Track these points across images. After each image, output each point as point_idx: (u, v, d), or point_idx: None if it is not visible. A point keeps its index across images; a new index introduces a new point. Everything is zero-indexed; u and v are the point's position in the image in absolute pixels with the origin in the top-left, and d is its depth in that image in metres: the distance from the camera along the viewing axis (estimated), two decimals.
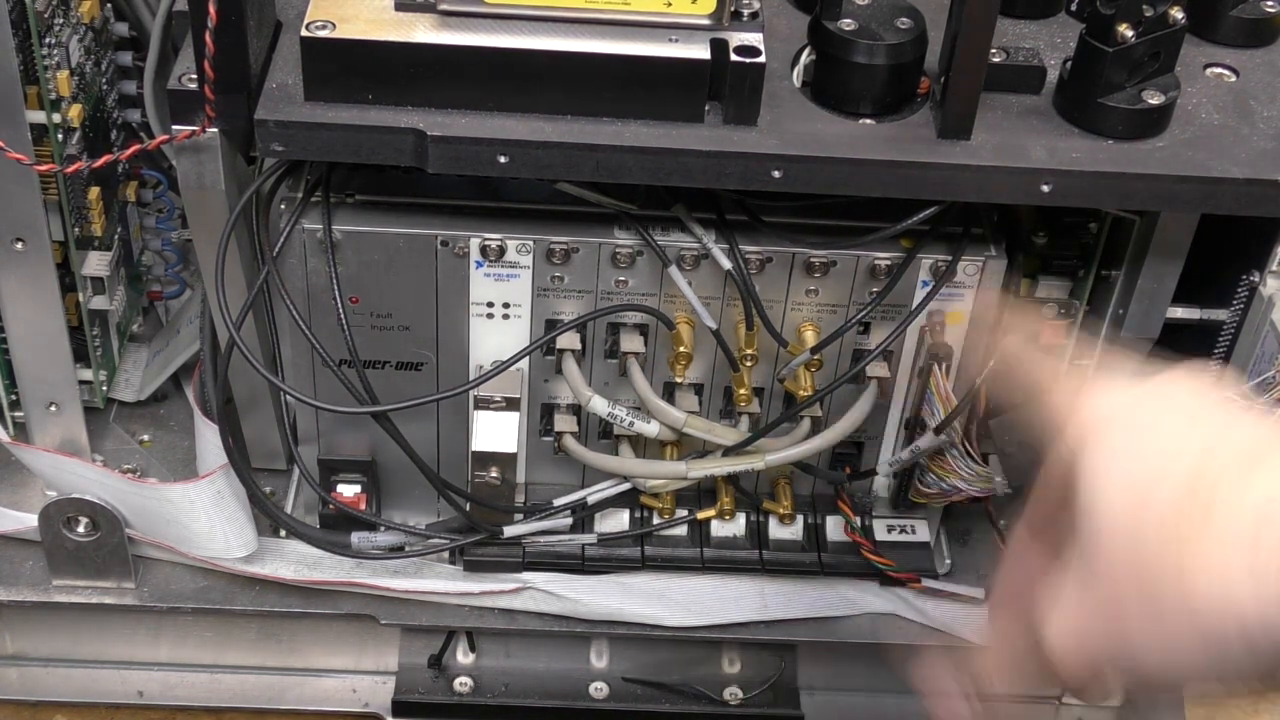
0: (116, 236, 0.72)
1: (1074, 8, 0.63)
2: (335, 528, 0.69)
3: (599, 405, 0.65)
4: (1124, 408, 0.42)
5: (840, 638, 0.72)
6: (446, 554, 0.70)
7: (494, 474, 0.65)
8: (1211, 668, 0.39)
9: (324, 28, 0.54)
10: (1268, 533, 0.37)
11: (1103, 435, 0.42)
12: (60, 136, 0.64)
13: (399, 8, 0.55)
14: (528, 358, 0.64)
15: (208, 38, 0.51)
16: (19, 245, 0.64)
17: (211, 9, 0.51)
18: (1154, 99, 0.56)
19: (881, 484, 0.71)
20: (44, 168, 0.60)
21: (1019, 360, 0.50)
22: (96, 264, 0.69)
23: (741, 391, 0.65)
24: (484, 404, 0.64)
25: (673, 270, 0.61)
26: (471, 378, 0.65)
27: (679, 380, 0.64)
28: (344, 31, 0.54)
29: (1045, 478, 0.45)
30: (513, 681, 0.74)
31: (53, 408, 0.70)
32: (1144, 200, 0.58)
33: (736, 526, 0.71)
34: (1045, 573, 0.44)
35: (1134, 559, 0.40)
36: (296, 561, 0.70)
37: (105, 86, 0.70)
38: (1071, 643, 0.42)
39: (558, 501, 0.69)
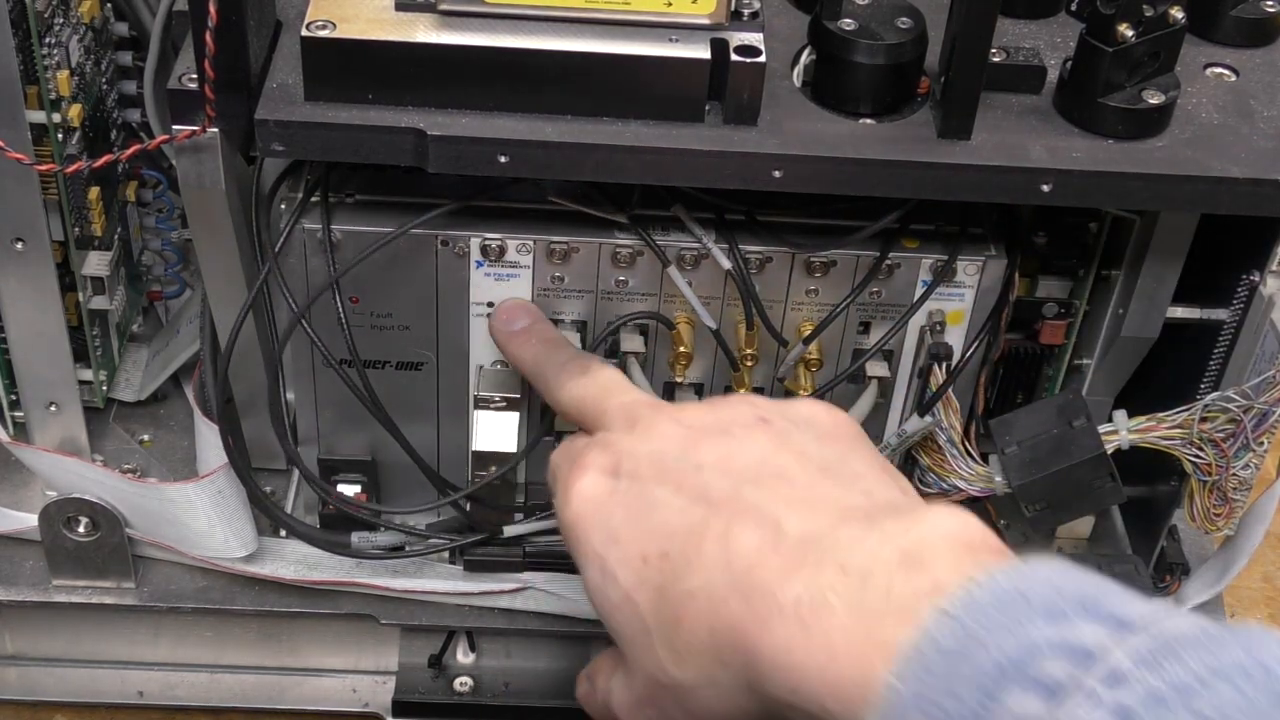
0: (116, 236, 0.72)
1: (1074, 8, 0.63)
2: (335, 528, 0.69)
3: None
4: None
5: None
6: (446, 554, 0.70)
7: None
8: None
9: (324, 27, 0.54)
10: None
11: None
12: (60, 136, 0.64)
13: (399, 8, 0.55)
14: None
15: (208, 37, 0.51)
16: (19, 245, 0.64)
17: (211, 9, 0.51)
18: (1154, 99, 0.56)
19: None
20: (44, 167, 0.60)
21: None
22: (96, 264, 0.69)
23: (742, 391, 0.65)
24: (484, 404, 0.64)
25: (672, 270, 0.61)
26: (472, 378, 0.65)
27: (679, 380, 0.64)
28: (344, 31, 0.54)
29: None
30: (513, 681, 0.74)
31: (53, 408, 0.70)
32: (1144, 200, 0.58)
33: None
34: None
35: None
36: (296, 561, 0.70)
37: (105, 86, 0.70)
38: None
39: None
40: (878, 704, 0.35)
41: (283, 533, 0.71)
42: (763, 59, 0.55)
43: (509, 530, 0.68)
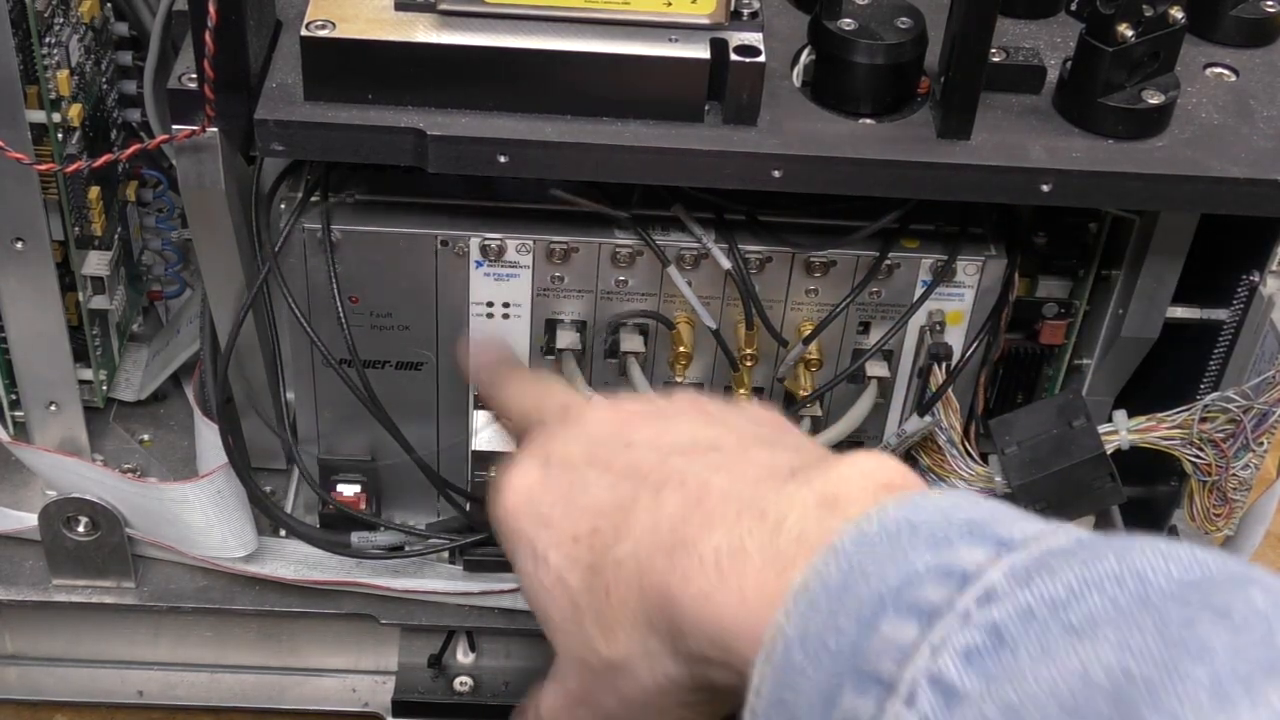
0: (116, 236, 0.72)
1: (1074, 8, 0.63)
2: (335, 528, 0.69)
3: None
4: None
5: None
6: (446, 554, 0.70)
7: (494, 474, 0.65)
8: None
9: (324, 27, 0.54)
10: None
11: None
12: (60, 136, 0.64)
13: (399, 7, 0.55)
14: (528, 357, 0.64)
15: (208, 37, 0.51)
16: (19, 245, 0.64)
17: (211, 8, 0.51)
18: (1154, 99, 0.56)
19: None
20: (44, 167, 0.60)
21: None
22: (96, 264, 0.69)
23: (741, 392, 0.65)
24: (484, 404, 0.64)
25: (671, 270, 0.61)
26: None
27: (679, 380, 0.64)
28: (344, 31, 0.54)
29: None
30: (513, 681, 0.74)
31: (53, 407, 0.70)
32: (1144, 200, 0.58)
33: None
34: None
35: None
36: (296, 561, 0.70)
37: (105, 86, 0.70)
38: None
39: None
40: (767, 645, 0.34)
41: (282, 532, 0.71)
42: (762, 59, 0.55)
43: None
